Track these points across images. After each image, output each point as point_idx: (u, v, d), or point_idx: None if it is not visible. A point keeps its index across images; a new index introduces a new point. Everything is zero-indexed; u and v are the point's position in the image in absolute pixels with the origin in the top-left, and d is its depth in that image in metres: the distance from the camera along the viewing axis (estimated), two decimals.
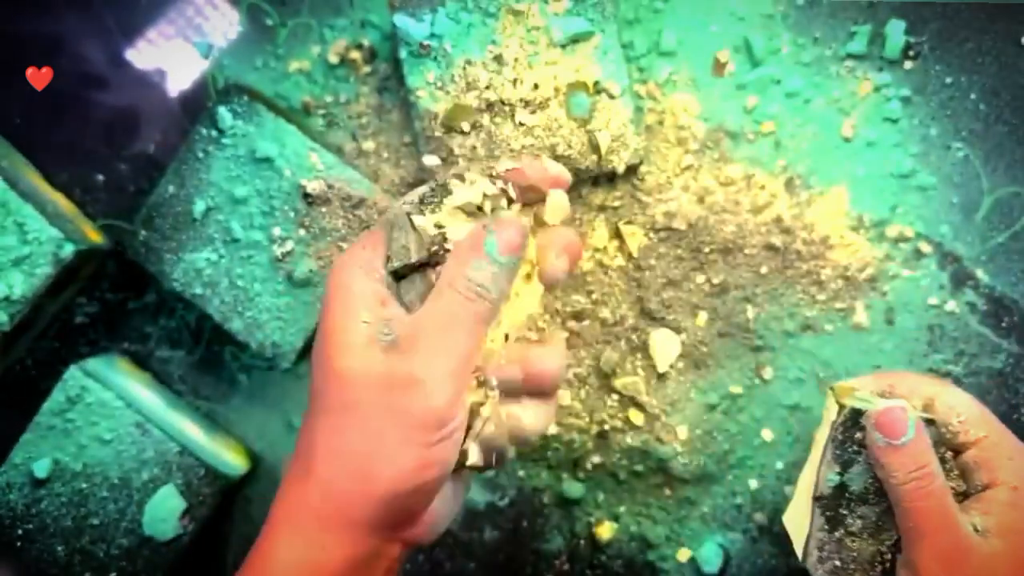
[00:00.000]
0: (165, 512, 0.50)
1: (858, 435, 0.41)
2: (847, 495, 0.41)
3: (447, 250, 0.39)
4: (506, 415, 0.41)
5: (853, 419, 0.41)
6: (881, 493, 0.41)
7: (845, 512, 0.41)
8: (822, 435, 0.43)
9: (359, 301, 0.38)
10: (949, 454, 0.41)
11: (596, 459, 0.53)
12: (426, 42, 0.47)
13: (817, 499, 0.42)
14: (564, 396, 0.53)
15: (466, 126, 0.47)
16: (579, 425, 0.53)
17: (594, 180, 0.51)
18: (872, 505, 0.41)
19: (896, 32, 0.50)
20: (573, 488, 0.53)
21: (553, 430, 0.53)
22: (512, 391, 0.41)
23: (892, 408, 0.40)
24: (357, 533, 0.38)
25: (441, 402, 0.37)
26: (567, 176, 0.43)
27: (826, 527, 0.42)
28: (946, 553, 0.38)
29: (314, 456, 0.38)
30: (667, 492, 0.53)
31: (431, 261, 0.40)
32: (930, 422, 0.41)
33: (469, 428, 0.40)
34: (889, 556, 0.41)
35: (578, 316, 0.52)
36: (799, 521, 0.43)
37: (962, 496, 0.41)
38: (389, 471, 0.37)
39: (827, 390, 0.44)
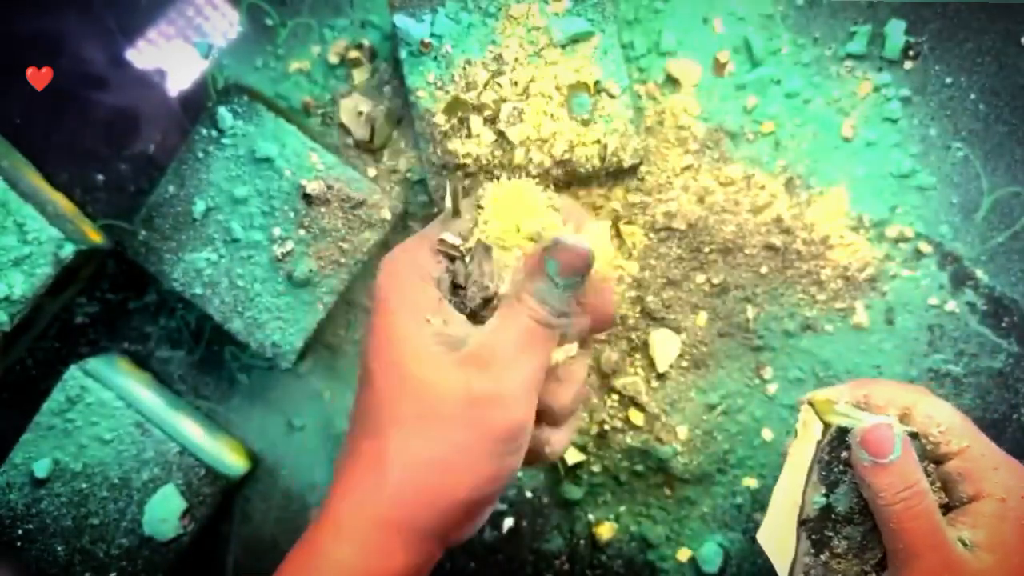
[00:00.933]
0: (165, 512, 0.50)
1: (844, 454, 0.39)
2: (832, 516, 0.40)
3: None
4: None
5: (839, 438, 0.39)
6: (866, 512, 0.39)
7: (831, 534, 0.40)
8: (797, 450, 0.41)
9: (422, 306, 0.39)
10: (931, 466, 0.40)
11: (595, 466, 0.53)
12: (427, 39, 0.47)
13: (803, 523, 0.40)
14: None
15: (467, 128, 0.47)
16: (579, 425, 0.53)
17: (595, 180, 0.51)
18: (857, 525, 0.40)
19: (896, 32, 0.50)
20: (572, 489, 0.53)
21: None
22: None
23: (879, 425, 0.38)
24: (423, 541, 0.38)
25: (521, 415, 0.38)
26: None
27: (812, 551, 0.40)
28: (937, 573, 0.37)
29: (386, 462, 0.38)
30: (667, 492, 0.53)
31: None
32: (914, 435, 0.39)
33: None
34: (873, 575, 0.40)
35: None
36: (780, 542, 0.41)
37: (944, 508, 0.39)
38: (470, 480, 0.38)
39: (802, 404, 0.42)
